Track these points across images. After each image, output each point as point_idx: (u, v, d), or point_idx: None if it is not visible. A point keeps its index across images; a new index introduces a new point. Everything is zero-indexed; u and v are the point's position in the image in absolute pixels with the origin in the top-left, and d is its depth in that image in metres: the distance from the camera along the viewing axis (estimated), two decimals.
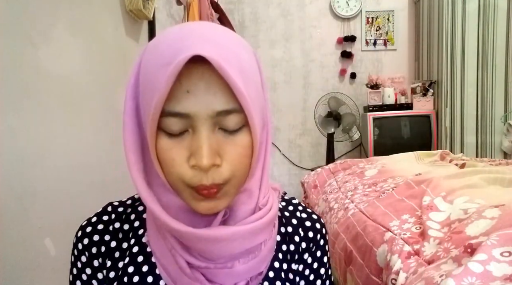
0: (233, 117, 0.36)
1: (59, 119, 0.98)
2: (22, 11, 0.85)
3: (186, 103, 0.34)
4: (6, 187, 0.78)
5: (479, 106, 2.36)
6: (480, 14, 2.31)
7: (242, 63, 0.36)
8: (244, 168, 0.38)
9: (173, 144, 0.36)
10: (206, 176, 0.36)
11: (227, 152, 0.37)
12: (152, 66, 0.36)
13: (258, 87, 0.39)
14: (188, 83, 0.34)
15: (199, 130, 0.35)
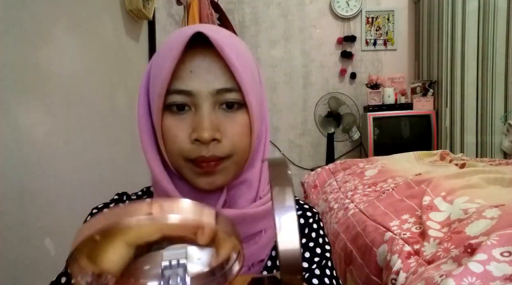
0: (231, 94, 0.40)
1: (59, 119, 0.98)
2: (22, 11, 0.85)
3: (190, 81, 0.39)
4: (6, 187, 0.78)
5: (479, 106, 2.36)
6: (480, 14, 2.31)
7: (239, 51, 0.40)
8: (243, 146, 0.42)
9: (177, 122, 0.40)
10: (206, 148, 0.39)
11: (227, 128, 0.40)
12: (160, 56, 0.40)
13: (255, 77, 0.43)
14: (191, 64, 0.38)
15: (201, 106, 0.39)
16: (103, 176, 1.19)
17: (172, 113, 0.40)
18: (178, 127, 0.40)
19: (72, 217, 0.97)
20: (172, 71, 0.37)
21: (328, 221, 1.27)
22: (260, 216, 0.44)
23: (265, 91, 0.47)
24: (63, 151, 0.99)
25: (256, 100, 0.42)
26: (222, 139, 0.40)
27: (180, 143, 0.39)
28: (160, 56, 0.40)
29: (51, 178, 0.93)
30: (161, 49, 0.41)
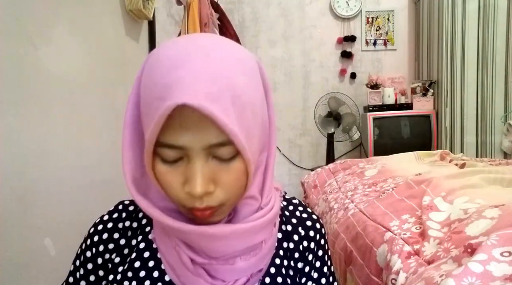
0: (226, 148, 0.36)
1: (59, 119, 0.98)
2: (22, 11, 0.85)
3: (180, 136, 0.35)
4: (6, 187, 0.78)
5: (479, 106, 2.36)
6: (480, 14, 2.31)
7: (236, 92, 0.36)
8: (238, 190, 0.40)
9: (169, 170, 0.38)
10: (200, 200, 0.37)
11: (222, 178, 0.38)
12: (148, 92, 0.37)
13: (256, 108, 0.39)
14: (181, 118, 0.35)
15: (193, 160, 0.36)
16: (103, 176, 1.19)
17: (163, 161, 0.38)
18: (170, 175, 0.38)
19: (72, 217, 0.97)
20: (159, 130, 0.34)
21: (328, 221, 1.27)
22: (259, 228, 0.43)
23: (272, 99, 0.44)
24: (63, 151, 0.99)
25: (256, 139, 0.40)
26: (216, 189, 0.38)
27: (174, 190, 0.38)
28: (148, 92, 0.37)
29: (51, 178, 0.93)
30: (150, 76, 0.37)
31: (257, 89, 0.40)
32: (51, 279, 0.88)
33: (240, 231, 0.41)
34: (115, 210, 0.49)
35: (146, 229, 0.47)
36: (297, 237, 0.50)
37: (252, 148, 0.38)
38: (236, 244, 0.42)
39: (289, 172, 3.00)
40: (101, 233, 0.47)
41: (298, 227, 0.51)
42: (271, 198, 0.47)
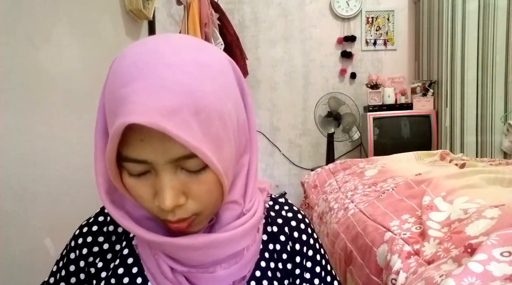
0: (193, 160, 0.34)
1: (59, 119, 0.98)
2: (22, 11, 0.85)
3: (142, 150, 0.33)
4: (6, 187, 0.78)
5: (479, 106, 2.36)
6: (480, 14, 2.31)
7: (199, 102, 0.33)
8: (213, 201, 0.38)
9: (138, 183, 0.36)
10: (171, 213, 0.36)
11: (192, 190, 0.36)
12: (108, 103, 0.35)
13: (227, 114, 0.36)
14: (141, 132, 0.32)
15: (160, 173, 0.35)
16: None
17: (130, 174, 0.36)
18: (140, 188, 0.36)
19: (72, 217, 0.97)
20: (116, 147, 0.33)
21: (328, 221, 1.27)
22: (240, 236, 0.42)
23: (250, 100, 0.42)
24: (63, 151, 0.99)
25: (228, 147, 0.37)
26: (188, 201, 0.36)
27: (145, 202, 0.37)
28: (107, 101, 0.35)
29: (51, 178, 0.93)
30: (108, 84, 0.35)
31: (228, 94, 0.37)
32: None
33: (220, 240, 0.40)
34: (101, 213, 0.48)
35: (130, 235, 0.46)
36: (283, 238, 0.49)
37: (223, 156, 0.36)
38: (215, 253, 0.41)
39: (289, 172, 3.00)
40: (86, 235, 0.46)
41: (284, 228, 0.49)
42: (255, 202, 0.45)
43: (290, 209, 0.52)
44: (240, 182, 0.43)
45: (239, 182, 0.43)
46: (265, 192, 0.49)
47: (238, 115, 0.40)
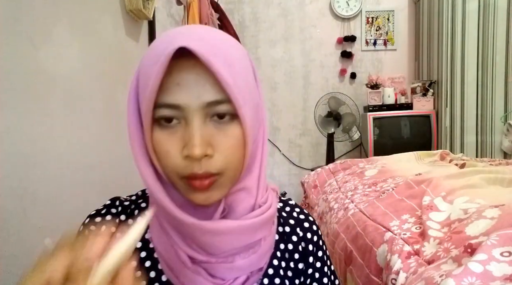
0: (223, 106, 0.37)
1: (59, 119, 0.98)
2: (22, 11, 0.85)
3: (177, 94, 0.36)
4: (6, 187, 0.78)
5: (479, 106, 2.36)
6: (480, 14, 2.31)
7: (230, 58, 0.37)
8: (236, 160, 0.40)
9: (167, 136, 0.38)
10: (198, 165, 0.37)
11: (219, 142, 0.38)
12: (147, 64, 0.38)
13: (249, 83, 0.40)
14: (179, 76, 0.36)
15: (190, 120, 0.37)
16: (103, 176, 1.19)
17: (161, 126, 0.38)
18: (168, 142, 0.38)
19: (72, 217, 0.97)
20: (158, 86, 0.35)
21: (328, 221, 1.27)
22: (259, 226, 0.43)
23: (262, 92, 0.45)
24: (63, 151, 0.99)
25: (251, 109, 0.40)
26: (215, 154, 0.38)
27: (172, 158, 0.38)
28: (146, 66, 0.38)
29: (51, 178, 0.93)
30: (147, 55, 0.39)
31: (249, 72, 0.41)
32: None
33: (241, 228, 0.41)
34: (112, 205, 0.48)
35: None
36: (295, 238, 0.50)
37: (247, 112, 0.39)
38: (236, 241, 0.41)
39: (289, 172, 3.00)
40: (99, 225, 0.46)
41: (296, 229, 0.51)
42: (268, 196, 0.46)
43: (301, 211, 0.54)
44: (255, 171, 0.45)
45: (254, 171, 0.44)
46: (274, 192, 0.51)
47: (255, 96, 0.42)
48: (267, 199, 0.46)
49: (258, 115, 0.43)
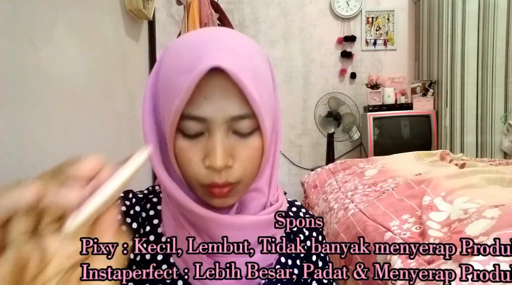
0: (246, 121, 0.38)
1: (59, 119, 0.98)
2: (22, 11, 0.85)
3: (204, 108, 0.37)
4: None
5: (479, 106, 2.36)
6: (480, 14, 2.31)
7: (256, 69, 0.38)
8: (254, 168, 0.41)
9: (190, 145, 0.39)
10: (219, 175, 0.38)
11: (239, 154, 0.39)
12: (172, 72, 0.38)
13: (270, 90, 0.42)
14: (206, 90, 0.36)
15: (214, 133, 0.38)
16: None
17: (184, 136, 0.39)
18: (190, 151, 0.39)
19: None
20: (187, 99, 0.36)
21: (328, 221, 1.27)
22: (271, 222, 0.45)
23: (277, 95, 0.47)
24: (63, 151, 0.99)
25: (270, 120, 0.42)
26: (234, 164, 0.39)
27: (194, 167, 0.39)
28: (172, 73, 0.38)
29: None
30: (171, 60, 0.39)
31: (269, 77, 0.43)
32: None
33: (257, 222, 0.43)
34: (125, 197, 0.48)
35: (153, 221, 0.47)
36: (302, 237, 0.52)
37: (267, 125, 0.40)
38: (250, 236, 0.43)
39: (289, 172, 3.00)
40: None
41: (303, 228, 0.53)
42: (279, 195, 0.48)
43: (307, 212, 0.56)
44: (267, 172, 0.46)
45: (266, 172, 0.46)
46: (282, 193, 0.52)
47: (271, 101, 0.43)
48: (278, 198, 0.48)
49: (274, 120, 0.45)
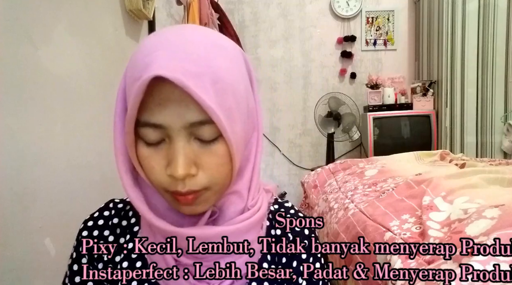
0: (207, 128, 0.36)
1: (59, 119, 0.98)
2: (22, 11, 0.85)
3: (159, 114, 0.35)
4: (6, 187, 0.78)
5: (479, 106, 2.36)
6: (480, 14, 2.31)
7: (216, 73, 0.35)
8: (223, 176, 0.39)
9: (152, 153, 0.37)
10: (182, 183, 0.37)
11: (204, 161, 0.37)
12: (129, 77, 0.37)
13: (239, 94, 0.38)
14: (160, 96, 0.35)
15: (174, 140, 0.36)
16: (103, 176, 1.19)
17: (146, 144, 0.37)
18: (153, 158, 0.37)
19: (72, 217, 0.97)
20: (137, 108, 0.34)
21: (328, 221, 1.27)
22: (245, 230, 0.43)
23: (258, 94, 0.45)
24: (63, 151, 0.99)
25: (240, 125, 0.39)
26: (199, 172, 0.37)
27: (156, 175, 0.37)
28: (129, 76, 0.37)
29: (51, 178, 0.93)
30: (131, 62, 0.38)
31: (241, 78, 0.39)
32: (51, 279, 0.88)
33: (226, 233, 0.41)
34: (105, 208, 0.49)
35: (134, 229, 0.47)
36: (286, 241, 0.49)
37: (235, 130, 0.38)
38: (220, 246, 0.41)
39: (289, 172, 3.00)
40: (91, 229, 0.47)
41: (287, 232, 0.50)
42: (258, 199, 0.46)
43: (295, 214, 0.52)
44: (247, 175, 0.44)
45: (246, 175, 0.44)
46: (270, 193, 0.50)
47: (248, 102, 0.41)
48: (256, 201, 0.45)
49: (250, 123, 0.43)
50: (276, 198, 0.53)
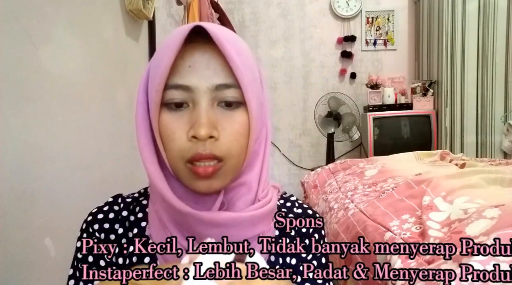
0: (231, 91, 0.39)
1: (59, 119, 0.98)
2: (22, 11, 0.85)
3: (188, 76, 0.38)
4: (6, 187, 0.78)
5: (479, 106, 2.36)
6: (480, 14, 2.31)
7: (240, 49, 0.40)
8: (240, 147, 0.40)
9: (174, 118, 0.39)
10: (203, 145, 0.38)
11: (224, 127, 0.39)
12: (159, 53, 0.40)
13: (255, 76, 0.42)
14: (191, 59, 0.38)
15: (199, 103, 0.38)
16: (103, 176, 1.19)
17: (170, 110, 0.39)
18: (175, 124, 0.39)
19: (72, 217, 0.97)
20: (171, 65, 0.37)
21: (328, 221, 1.27)
22: (258, 219, 0.43)
23: (266, 92, 0.46)
24: (63, 151, 0.99)
25: (256, 100, 0.41)
26: (220, 137, 0.38)
27: (177, 140, 0.38)
28: (159, 54, 0.40)
29: (51, 178, 0.93)
30: (161, 47, 0.41)
31: (255, 67, 0.43)
32: (51, 279, 0.88)
33: (240, 220, 0.41)
34: (114, 202, 0.48)
35: (141, 224, 0.47)
36: (293, 233, 0.50)
37: (254, 101, 0.40)
38: (235, 234, 0.41)
39: (289, 172, 3.00)
40: (101, 222, 0.46)
41: (294, 224, 0.50)
42: (268, 191, 0.47)
43: (300, 206, 0.53)
44: (257, 167, 0.45)
45: (256, 167, 0.45)
46: (276, 190, 0.51)
47: (259, 93, 0.43)
48: (267, 193, 0.46)
49: (262, 111, 0.44)
50: (282, 194, 0.54)
